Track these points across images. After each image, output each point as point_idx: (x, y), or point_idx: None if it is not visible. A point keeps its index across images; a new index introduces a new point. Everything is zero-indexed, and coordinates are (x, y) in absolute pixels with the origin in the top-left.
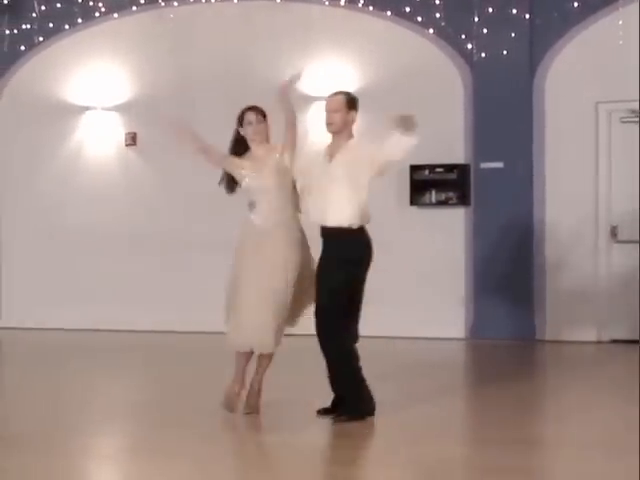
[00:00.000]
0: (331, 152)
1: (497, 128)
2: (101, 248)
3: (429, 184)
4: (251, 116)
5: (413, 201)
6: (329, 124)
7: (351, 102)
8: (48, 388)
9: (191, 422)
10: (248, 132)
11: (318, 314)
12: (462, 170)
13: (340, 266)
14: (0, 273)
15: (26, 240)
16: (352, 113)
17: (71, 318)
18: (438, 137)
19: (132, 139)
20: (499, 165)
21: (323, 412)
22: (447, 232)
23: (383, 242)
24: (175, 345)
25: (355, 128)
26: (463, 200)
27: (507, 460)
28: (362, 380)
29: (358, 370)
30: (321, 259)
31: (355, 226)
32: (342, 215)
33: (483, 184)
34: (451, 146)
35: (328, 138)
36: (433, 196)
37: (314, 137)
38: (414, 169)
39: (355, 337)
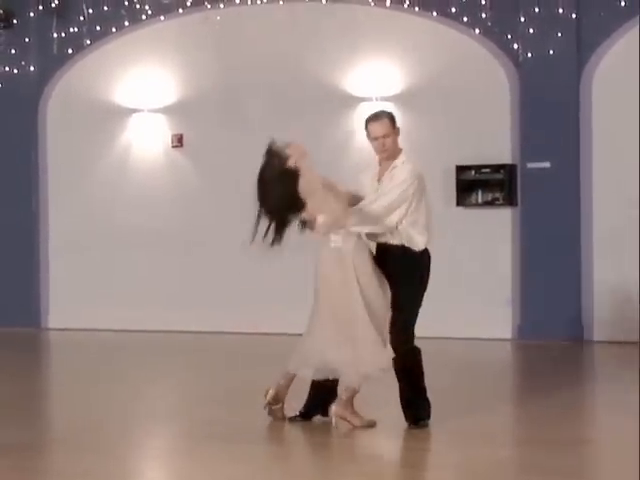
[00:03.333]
0: (380, 170)
1: (544, 128)
2: (148, 249)
3: (475, 184)
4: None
5: (459, 201)
6: (383, 151)
7: (394, 120)
8: (99, 389)
9: (244, 421)
10: None
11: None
12: (509, 170)
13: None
14: (49, 274)
15: (75, 241)
16: (397, 130)
17: (120, 319)
18: (484, 137)
19: (179, 140)
20: (546, 165)
21: (300, 417)
22: (494, 232)
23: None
24: (227, 346)
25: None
26: (510, 200)
27: (555, 461)
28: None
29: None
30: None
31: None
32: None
33: (530, 184)
34: (498, 146)
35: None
36: (480, 196)
37: (359, 139)
38: (460, 169)
39: None
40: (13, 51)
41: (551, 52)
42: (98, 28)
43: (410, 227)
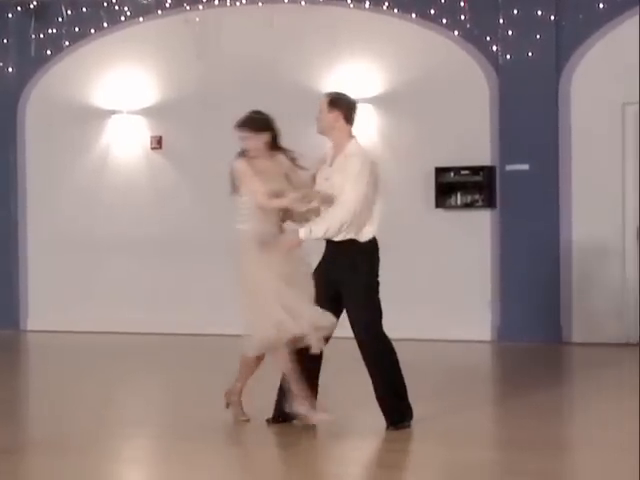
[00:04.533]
0: (333, 154)
1: (523, 130)
2: (127, 251)
3: (455, 186)
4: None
5: (439, 203)
6: (317, 125)
7: (333, 102)
8: (79, 391)
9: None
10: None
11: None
12: (488, 172)
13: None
14: (27, 277)
15: (54, 244)
16: (335, 113)
17: (99, 321)
18: (463, 139)
19: (158, 142)
20: (525, 167)
21: (272, 420)
22: (473, 234)
23: (408, 245)
24: (206, 347)
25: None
26: (489, 202)
27: (535, 463)
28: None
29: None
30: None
31: (362, 240)
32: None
33: (509, 186)
34: (477, 148)
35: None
36: (459, 198)
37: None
38: (439, 171)
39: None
40: None
41: (530, 54)
42: (77, 29)
43: (364, 219)
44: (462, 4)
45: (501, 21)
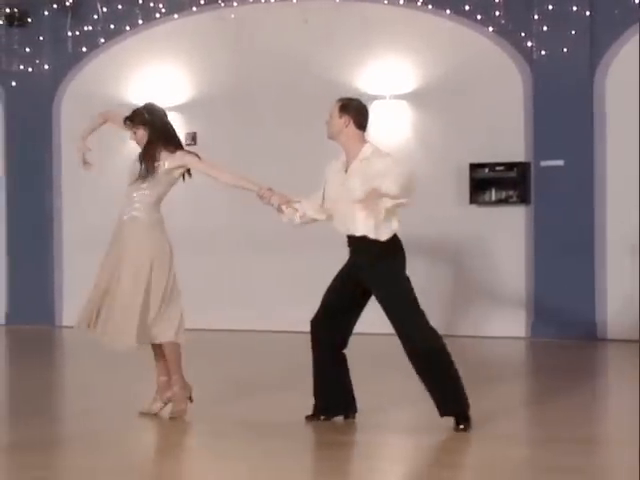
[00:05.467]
0: (347, 160)
1: (557, 126)
2: None
3: (489, 182)
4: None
5: (473, 199)
6: (327, 130)
7: (343, 107)
8: (114, 386)
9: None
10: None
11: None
12: (522, 168)
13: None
14: (63, 272)
15: (89, 240)
16: (345, 117)
17: None
18: (498, 135)
19: (192, 139)
20: (559, 163)
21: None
22: (507, 230)
23: (442, 240)
24: (238, 343)
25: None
26: (523, 198)
27: (569, 460)
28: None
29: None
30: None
31: (383, 238)
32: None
33: (543, 182)
34: (511, 144)
35: (385, 137)
36: (493, 194)
37: (372, 137)
38: (474, 167)
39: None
40: (28, 50)
41: (565, 50)
42: (112, 26)
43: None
44: (496, 0)
45: (535, 17)
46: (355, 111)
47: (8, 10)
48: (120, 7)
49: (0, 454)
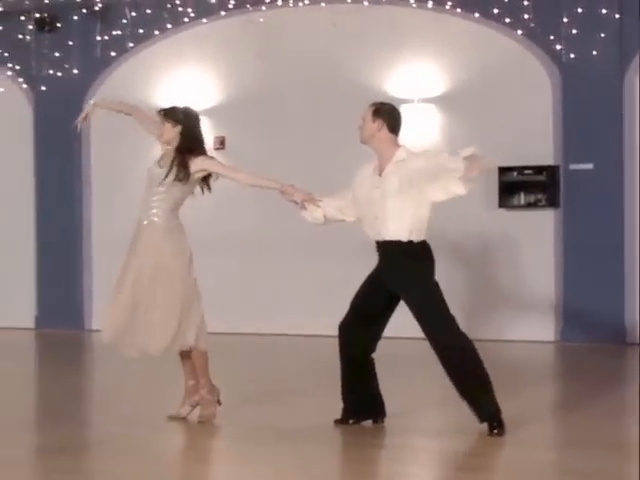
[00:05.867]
0: (380, 164)
1: (587, 129)
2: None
3: (518, 186)
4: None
5: (502, 203)
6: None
7: (376, 111)
8: (144, 390)
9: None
10: None
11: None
12: (551, 172)
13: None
14: (92, 277)
15: (118, 245)
16: (379, 121)
17: None
18: (526, 138)
19: (220, 142)
20: (589, 166)
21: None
22: (536, 234)
23: (471, 244)
24: (267, 347)
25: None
26: (552, 202)
27: (596, 464)
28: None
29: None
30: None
31: (416, 240)
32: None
33: (573, 186)
34: (540, 147)
35: (414, 140)
36: (522, 198)
37: (401, 138)
38: (502, 171)
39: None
40: (57, 54)
41: (594, 53)
42: (141, 31)
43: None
44: (525, 3)
45: (565, 20)
46: (388, 115)
47: (38, 15)
48: (149, 12)
49: (30, 457)
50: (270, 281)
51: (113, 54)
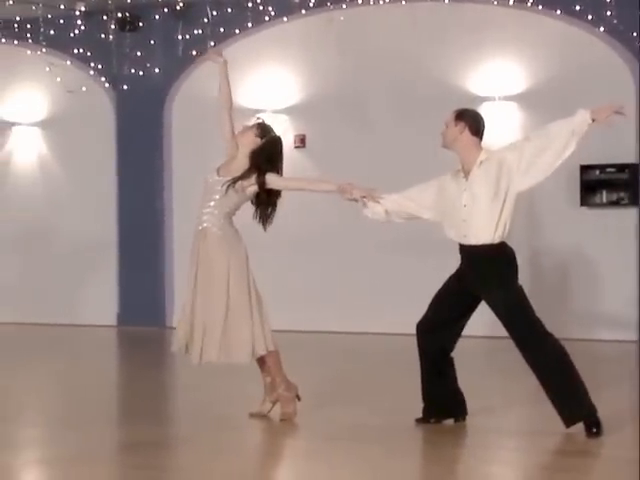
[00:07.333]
0: (464, 168)
1: None
2: (269, 250)
3: (600, 184)
4: None
5: (583, 202)
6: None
7: (459, 115)
8: (226, 387)
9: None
10: None
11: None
12: (634, 170)
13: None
14: (173, 274)
15: None
16: (461, 124)
17: None
18: (608, 136)
19: (301, 141)
20: None
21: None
22: (618, 232)
23: (553, 242)
24: (339, 345)
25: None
26: (635, 200)
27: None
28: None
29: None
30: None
31: (496, 241)
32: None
33: None
34: (622, 145)
35: (495, 138)
36: (604, 196)
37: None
38: (584, 169)
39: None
40: (139, 53)
41: None
42: (222, 30)
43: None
44: (608, 0)
45: None
46: (471, 118)
47: (120, 15)
48: (230, 10)
49: (114, 454)
50: (349, 279)
51: (194, 53)
